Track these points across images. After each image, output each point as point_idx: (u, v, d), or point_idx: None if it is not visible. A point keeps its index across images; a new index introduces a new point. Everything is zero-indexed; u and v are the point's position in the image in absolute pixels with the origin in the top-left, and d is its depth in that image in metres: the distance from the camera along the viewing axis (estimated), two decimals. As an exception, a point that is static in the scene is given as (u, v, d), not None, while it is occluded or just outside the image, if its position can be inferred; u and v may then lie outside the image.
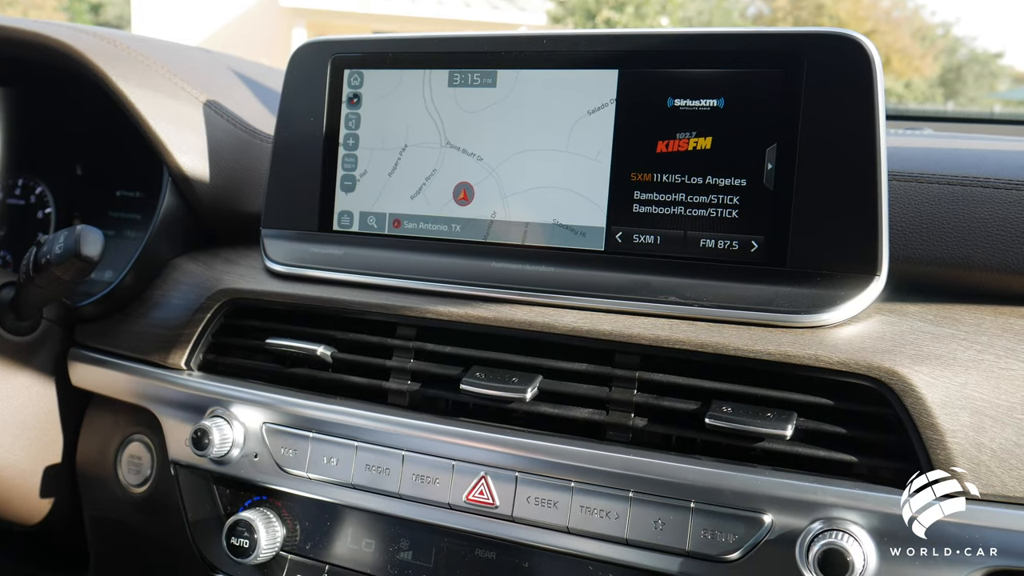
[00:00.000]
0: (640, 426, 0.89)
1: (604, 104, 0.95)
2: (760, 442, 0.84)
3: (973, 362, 0.80)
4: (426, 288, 1.01)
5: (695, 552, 0.82)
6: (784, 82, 0.88)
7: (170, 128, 1.16)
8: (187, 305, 1.12)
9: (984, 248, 0.89)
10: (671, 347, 0.87)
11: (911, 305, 0.90)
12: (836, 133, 0.87)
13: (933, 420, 0.77)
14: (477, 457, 0.91)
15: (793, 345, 0.83)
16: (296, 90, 1.12)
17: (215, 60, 1.41)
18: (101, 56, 1.15)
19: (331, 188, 1.09)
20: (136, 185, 1.44)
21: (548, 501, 0.87)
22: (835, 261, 0.86)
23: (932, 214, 0.92)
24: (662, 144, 0.93)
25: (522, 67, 0.99)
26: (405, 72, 1.05)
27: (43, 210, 1.49)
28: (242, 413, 1.02)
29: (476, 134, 1.02)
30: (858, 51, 0.86)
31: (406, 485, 0.93)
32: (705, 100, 0.92)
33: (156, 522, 1.15)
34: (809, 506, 0.79)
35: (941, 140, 1.33)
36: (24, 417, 1.18)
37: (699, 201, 0.92)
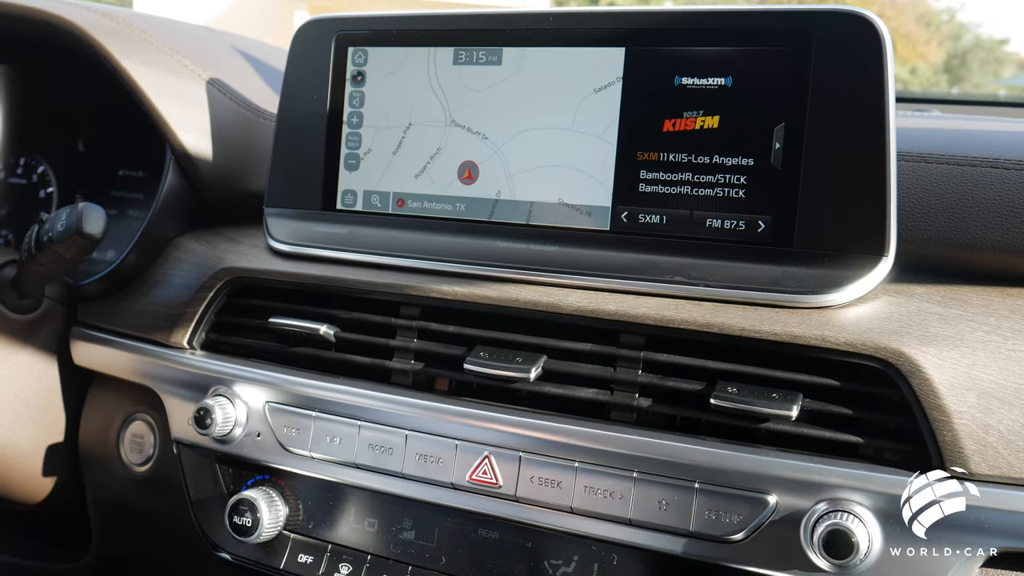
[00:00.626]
0: (645, 406, 0.88)
1: (611, 82, 0.95)
2: (765, 423, 0.83)
3: (981, 343, 0.80)
4: (430, 267, 1.00)
5: (699, 533, 0.81)
6: (792, 60, 0.87)
7: (173, 106, 1.15)
8: (189, 284, 1.12)
9: (993, 229, 0.88)
10: (676, 327, 0.87)
11: (918, 286, 0.89)
12: (845, 112, 0.86)
13: (940, 401, 0.77)
14: (481, 437, 0.91)
15: (799, 326, 0.83)
16: (300, 68, 1.11)
17: (218, 38, 1.40)
18: (103, 32, 1.14)
19: (335, 167, 1.09)
20: (139, 164, 1.43)
21: (552, 481, 0.87)
22: (842, 241, 0.86)
23: (940, 195, 0.91)
24: (669, 123, 0.92)
25: (528, 45, 0.98)
26: (410, 50, 1.04)
27: (45, 189, 1.48)
28: (245, 392, 1.02)
29: (481, 112, 1.01)
30: (868, 29, 0.85)
31: (409, 464, 0.93)
32: (712, 78, 0.91)
33: (158, 501, 1.15)
34: (814, 487, 0.78)
35: (949, 121, 1.32)
36: (26, 396, 1.18)
37: (706, 180, 0.91)
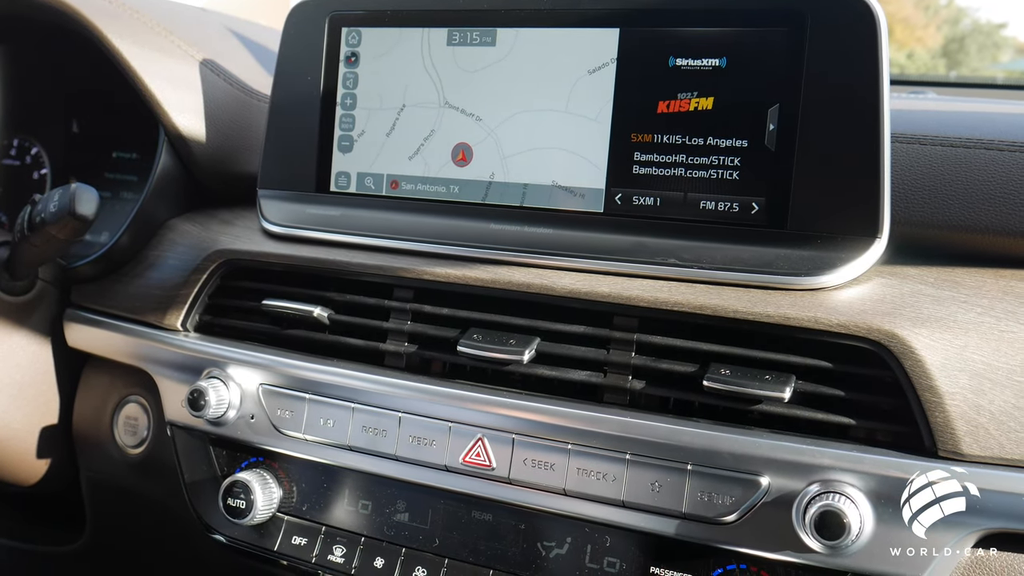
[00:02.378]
0: (638, 388, 0.88)
1: (605, 63, 0.94)
2: (758, 404, 0.83)
3: (973, 324, 0.80)
4: (424, 250, 1.00)
5: (692, 514, 0.82)
6: (787, 41, 0.87)
7: (166, 87, 1.14)
8: (183, 266, 1.11)
9: (987, 211, 0.88)
10: (669, 309, 0.87)
11: (912, 268, 0.89)
12: (839, 93, 0.85)
13: (932, 383, 0.77)
14: (474, 419, 0.91)
15: (792, 307, 0.83)
16: (293, 49, 1.10)
17: (212, 19, 1.39)
18: (96, 12, 1.14)
19: (328, 148, 1.08)
20: (132, 146, 1.43)
21: (545, 463, 0.87)
22: (836, 223, 0.86)
23: (935, 176, 0.91)
24: (663, 104, 0.92)
25: (522, 25, 0.98)
26: (404, 30, 1.04)
27: (39, 171, 1.48)
28: (238, 374, 1.02)
29: (475, 94, 1.00)
30: (863, 10, 0.84)
31: (403, 447, 0.93)
32: (707, 59, 0.90)
33: (153, 483, 1.16)
34: (806, 468, 0.79)
35: (944, 103, 1.32)
36: (20, 378, 1.18)
37: (700, 162, 0.91)
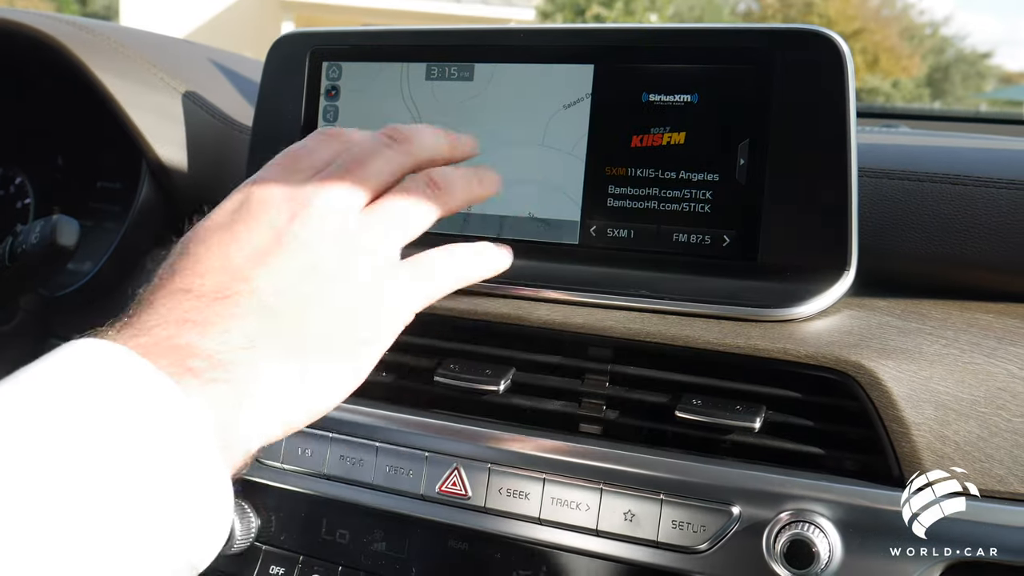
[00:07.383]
0: (612, 418, 0.89)
1: (580, 98, 0.96)
2: (729, 434, 0.84)
3: (938, 356, 0.81)
4: (402, 280, 1.01)
5: (665, 543, 0.82)
6: (756, 79, 0.89)
7: (149, 118, 1.15)
8: (164, 296, 1.12)
9: (950, 243, 0.90)
10: (642, 340, 0.88)
11: (880, 300, 0.91)
12: (807, 129, 0.87)
13: (899, 413, 0.78)
14: (450, 448, 0.91)
15: (762, 339, 0.84)
16: (275, 82, 1.12)
17: (195, 51, 1.41)
18: (79, 45, 1.15)
19: (309, 180, 1.09)
20: (117, 176, 1.44)
21: (520, 492, 0.88)
22: (805, 256, 0.87)
23: (902, 210, 0.93)
24: (637, 139, 0.94)
25: (499, 61, 1.00)
26: (384, 65, 1.05)
27: (22, 201, 1.48)
28: (218, 404, 1.02)
29: (453, 128, 1.01)
30: (830, 48, 0.86)
31: (380, 476, 0.93)
32: (679, 95, 0.92)
33: (132, 512, 1.15)
34: (776, 498, 0.80)
35: (915, 137, 1.34)
36: (0, 407, 1.18)
37: (672, 195, 0.92)
